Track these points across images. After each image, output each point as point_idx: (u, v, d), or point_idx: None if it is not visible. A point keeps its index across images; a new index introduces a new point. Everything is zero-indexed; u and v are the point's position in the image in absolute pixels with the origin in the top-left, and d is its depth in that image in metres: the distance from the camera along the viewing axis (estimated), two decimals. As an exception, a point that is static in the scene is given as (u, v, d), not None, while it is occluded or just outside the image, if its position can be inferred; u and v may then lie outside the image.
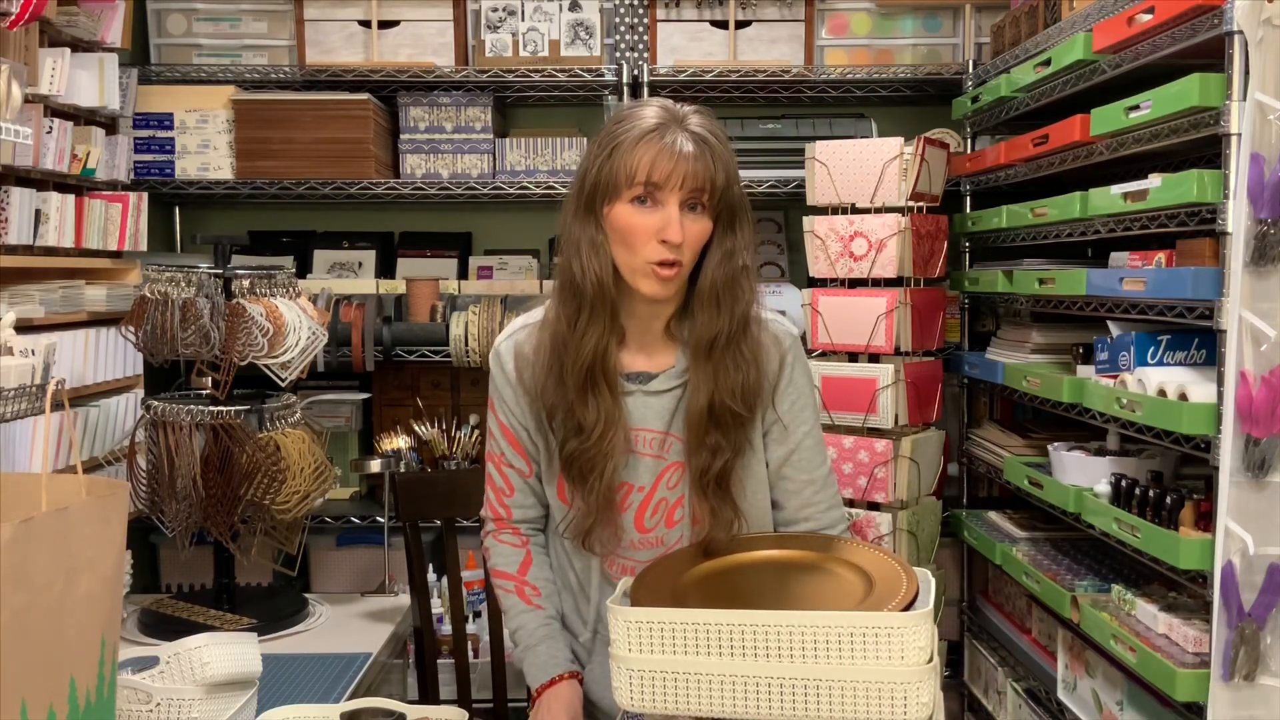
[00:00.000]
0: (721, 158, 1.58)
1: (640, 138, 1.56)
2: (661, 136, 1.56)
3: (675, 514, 1.70)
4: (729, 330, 1.62)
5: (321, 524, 2.98)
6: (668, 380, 1.69)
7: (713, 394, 1.62)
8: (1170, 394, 1.85)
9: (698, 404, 1.63)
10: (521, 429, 1.74)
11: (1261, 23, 1.67)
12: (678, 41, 3.04)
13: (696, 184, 1.56)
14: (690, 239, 1.58)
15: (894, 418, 2.55)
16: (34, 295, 2.22)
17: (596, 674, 1.77)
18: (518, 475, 1.77)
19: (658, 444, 1.69)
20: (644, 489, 1.70)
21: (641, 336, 1.69)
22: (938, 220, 2.69)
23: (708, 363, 1.63)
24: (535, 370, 1.68)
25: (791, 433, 1.72)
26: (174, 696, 1.52)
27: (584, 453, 1.64)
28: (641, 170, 1.55)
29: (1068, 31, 2.33)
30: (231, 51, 3.06)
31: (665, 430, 1.68)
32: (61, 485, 1.36)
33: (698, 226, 1.59)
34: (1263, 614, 1.72)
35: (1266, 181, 1.67)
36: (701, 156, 1.56)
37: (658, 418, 1.68)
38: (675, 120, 1.59)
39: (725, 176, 1.59)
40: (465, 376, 3.14)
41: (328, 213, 3.37)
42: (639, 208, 1.57)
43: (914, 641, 1.29)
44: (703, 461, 1.64)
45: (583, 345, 1.62)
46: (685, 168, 1.55)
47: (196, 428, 2.22)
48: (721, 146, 1.60)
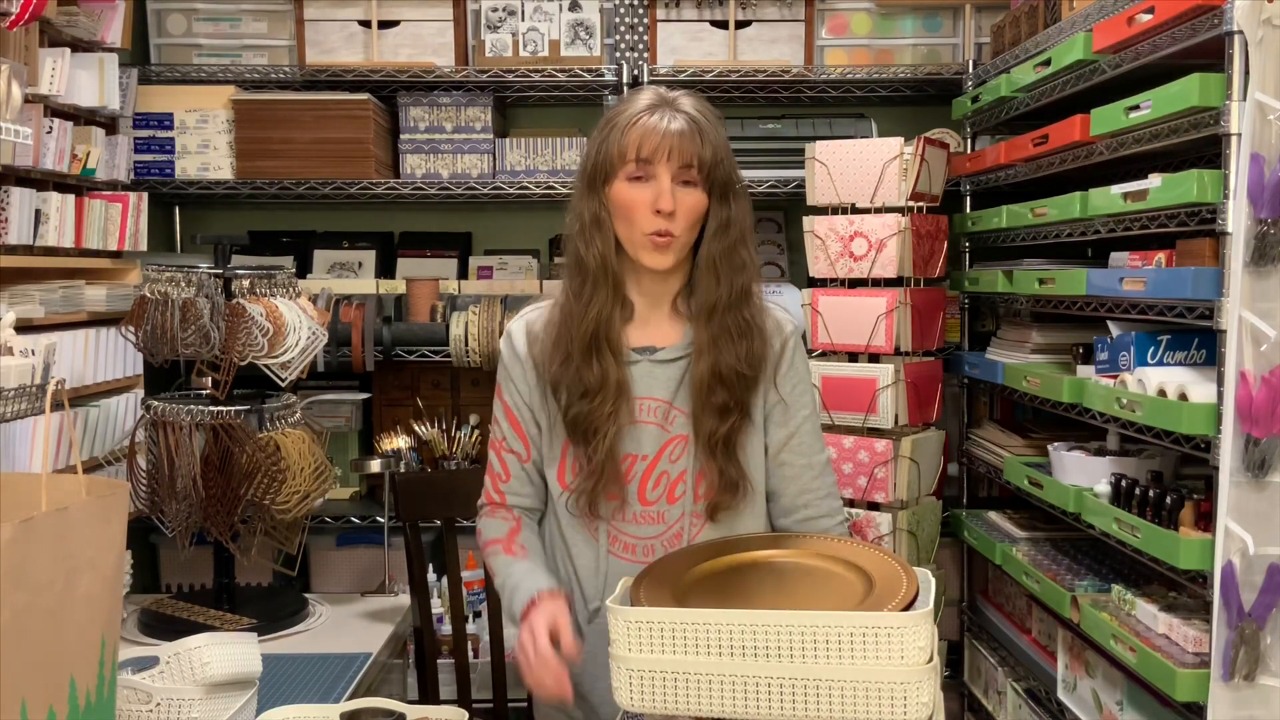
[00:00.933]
0: (709, 135, 1.69)
1: (633, 118, 1.68)
2: (651, 114, 1.68)
3: (677, 489, 1.75)
4: (729, 296, 1.71)
5: (321, 524, 2.98)
6: (673, 353, 1.76)
7: (718, 358, 1.70)
8: (1170, 394, 1.85)
9: (703, 369, 1.71)
10: (525, 408, 1.79)
11: (1261, 23, 1.67)
12: (678, 41, 3.04)
13: (685, 159, 1.66)
14: (684, 210, 1.68)
15: (894, 418, 2.55)
16: (34, 295, 2.22)
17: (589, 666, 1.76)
18: (516, 460, 1.81)
19: (661, 413, 1.75)
20: (647, 458, 1.75)
21: (649, 313, 1.78)
22: (938, 220, 2.69)
23: (709, 328, 1.72)
24: (544, 343, 1.76)
25: (793, 415, 1.78)
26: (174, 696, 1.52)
27: (588, 415, 1.70)
28: (632, 147, 1.67)
29: (1068, 31, 2.33)
30: (231, 51, 3.06)
31: (670, 401, 1.75)
32: (61, 485, 1.36)
33: (691, 199, 1.68)
34: (1263, 614, 1.72)
35: (1266, 181, 1.67)
36: (689, 133, 1.67)
37: (663, 387, 1.75)
38: (666, 102, 1.71)
39: (713, 152, 1.68)
40: (465, 376, 3.14)
41: (328, 213, 3.37)
42: (635, 183, 1.68)
43: (914, 641, 1.29)
44: (710, 424, 1.71)
45: (587, 313, 1.71)
46: (673, 142, 1.66)
47: (196, 428, 2.22)
48: (710, 125, 1.70)
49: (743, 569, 1.59)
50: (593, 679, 1.77)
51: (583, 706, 1.80)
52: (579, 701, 1.79)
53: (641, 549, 1.76)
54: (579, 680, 1.77)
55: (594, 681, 1.77)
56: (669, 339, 1.77)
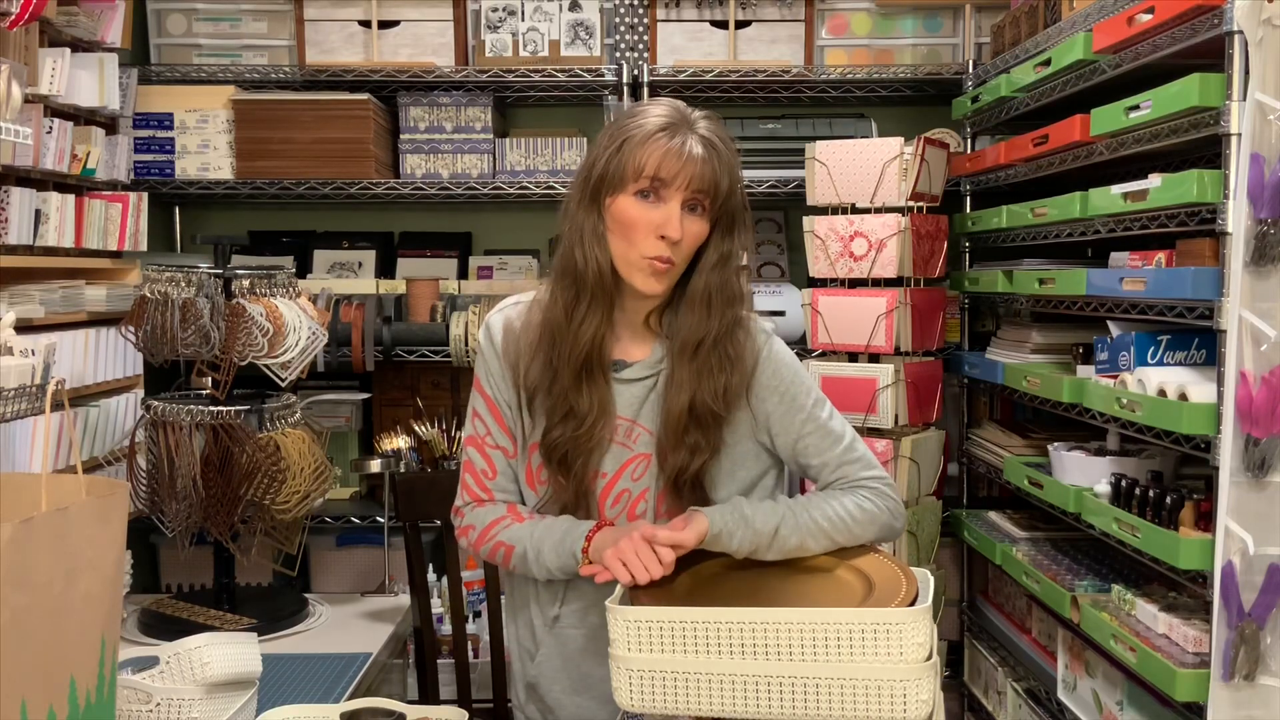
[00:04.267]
0: (726, 163, 1.62)
1: (651, 134, 1.59)
2: (672, 136, 1.59)
3: (638, 507, 1.69)
4: (717, 333, 1.64)
5: (321, 524, 2.98)
6: (641, 370, 1.69)
7: (694, 394, 1.63)
8: (1170, 394, 1.85)
9: (678, 403, 1.63)
10: (505, 404, 1.73)
11: (1261, 23, 1.67)
12: (678, 41, 3.04)
13: (701, 186, 1.59)
14: (687, 239, 1.61)
15: (894, 418, 2.55)
16: (34, 295, 2.22)
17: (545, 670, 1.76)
18: (502, 456, 1.74)
19: (623, 431, 1.68)
20: (606, 475, 1.69)
21: (621, 328, 1.70)
22: (938, 220, 2.69)
23: (692, 363, 1.64)
24: (521, 347, 1.69)
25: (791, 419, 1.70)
26: (174, 696, 1.52)
27: (573, 440, 1.65)
28: (650, 165, 1.58)
29: (1068, 31, 2.33)
30: (231, 51, 3.06)
31: (633, 419, 1.69)
32: (61, 485, 1.36)
33: (695, 228, 1.61)
34: (1263, 614, 1.72)
35: (1266, 181, 1.67)
36: (709, 160, 1.59)
37: (627, 405, 1.68)
38: (685, 122, 1.62)
39: (729, 182, 1.62)
40: (465, 376, 3.14)
41: (328, 213, 3.37)
42: (642, 201, 1.60)
43: (913, 639, 1.29)
44: (680, 460, 1.64)
45: (580, 334, 1.63)
46: (693, 169, 1.58)
47: (196, 428, 2.22)
48: (728, 152, 1.63)
49: (743, 569, 1.59)
50: (549, 681, 1.76)
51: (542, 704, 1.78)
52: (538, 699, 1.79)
53: None
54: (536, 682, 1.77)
55: (550, 684, 1.75)
56: (638, 354, 1.70)
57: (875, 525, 1.64)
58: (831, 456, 1.70)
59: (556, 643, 1.74)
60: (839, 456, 1.70)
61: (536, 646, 1.77)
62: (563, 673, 1.75)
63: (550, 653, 1.75)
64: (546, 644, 1.75)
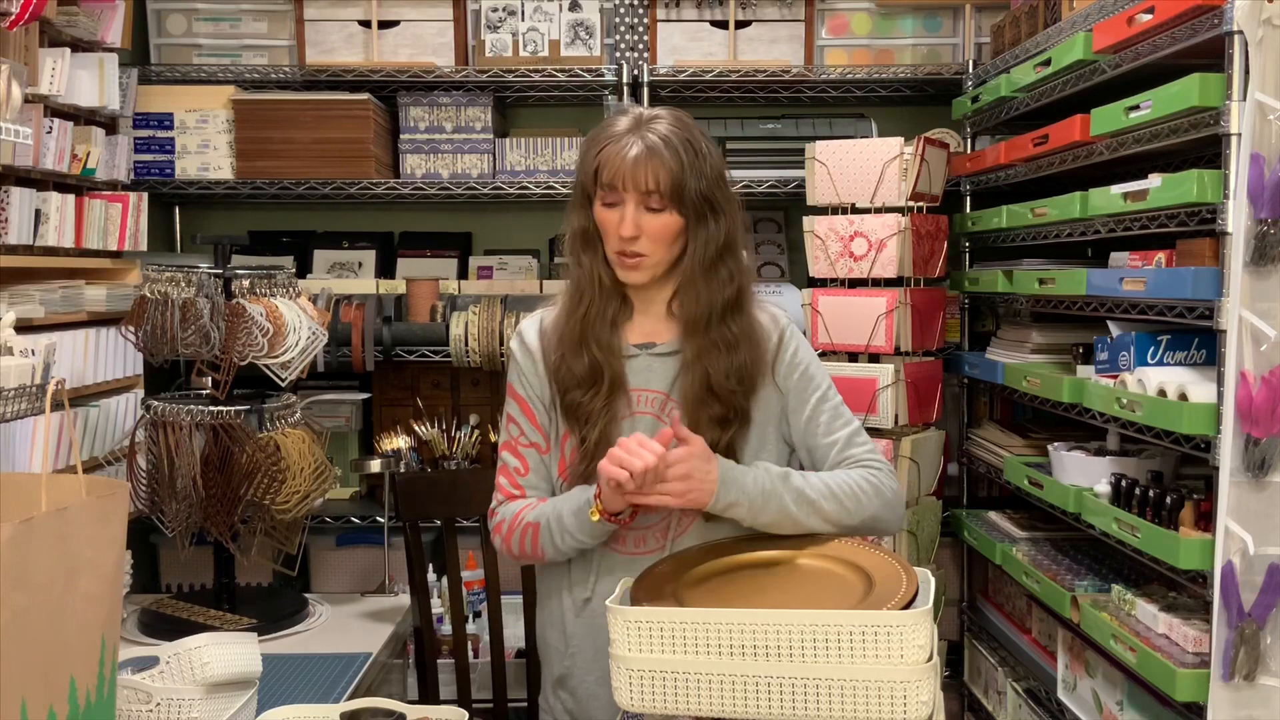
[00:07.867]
0: (681, 158, 1.71)
1: (602, 142, 1.74)
2: (616, 142, 1.72)
3: None
4: (712, 312, 1.76)
5: (321, 524, 2.98)
6: (670, 346, 1.81)
7: (707, 372, 1.74)
8: (1170, 394, 1.85)
9: (694, 382, 1.75)
10: (538, 401, 1.83)
11: (1261, 23, 1.67)
12: (678, 41, 3.04)
13: (649, 185, 1.70)
14: (651, 233, 1.73)
15: (894, 418, 2.55)
16: (34, 295, 2.22)
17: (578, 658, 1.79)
18: (535, 453, 1.83)
19: (658, 404, 1.79)
20: None
21: (646, 313, 1.84)
22: (938, 220, 2.69)
23: (699, 339, 1.76)
24: (551, 342, 1.83)
25: (805, 401, 1.81)
26: (174, 696, 1.52)
27: (580, 404, 1.77)
28: (604, 174, 1.73)
29: (1068, 31, 2.33)
30: (231, 51, 3.06)
31: (666, 393, 1.79)
32: (61, 485, 1.36)
33: (657, 222, 1.73)
34: (1263, 614, 1.72)
35: (1266, 181, 1.67)
36: (648, 160, 1.70)
37: (660, 379, 1.80)
38: (637, 126, 1.73)
39: (679, 174, 1.71)
40: (465, 376, 3.14)
41: (328, 213, 3.37)
42: (606, 207, 1.75)
43: (913, 640, 1.29)
44: (710, 435, 1.73)
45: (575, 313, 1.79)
46: (629, 169, 1.70)
47: (196, 428, 2.22)
48: (681, 145, 1.72)
49: (743, 569, 1.60)
50: (583, 671, 1.79)
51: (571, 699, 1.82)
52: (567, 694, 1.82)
53: (633, 539, 1.77)
54: (569, 674, 1.80)
55: (583, 675, 1.79)
56: (665, 336, 1.82)
57: (879, 499, 1.74)
58: (841, 435, 1.80)
59: (589, 631, 1.78)
60: (848, 438, 1.80)
61: (567, 641, 1.81)
62: (595, 663, 1.78)
63: (583, 643, 1.79)
64: (578, 634, 1.79)
